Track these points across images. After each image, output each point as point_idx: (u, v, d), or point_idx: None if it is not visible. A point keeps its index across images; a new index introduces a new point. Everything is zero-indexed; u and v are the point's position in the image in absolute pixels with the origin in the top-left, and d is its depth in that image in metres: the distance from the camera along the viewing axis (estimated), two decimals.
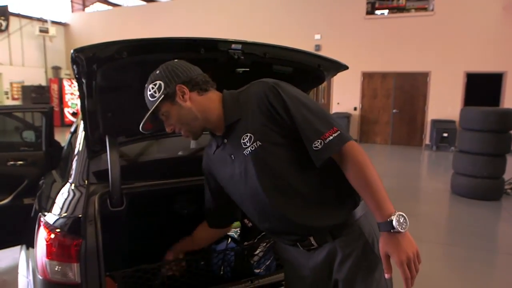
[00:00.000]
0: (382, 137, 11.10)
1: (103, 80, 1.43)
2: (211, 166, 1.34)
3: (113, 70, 1.42)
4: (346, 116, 10.68)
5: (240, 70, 1.62)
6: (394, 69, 10.68)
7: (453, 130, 9.60)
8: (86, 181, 1.54)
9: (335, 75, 1.91)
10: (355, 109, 11.26)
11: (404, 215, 1.04)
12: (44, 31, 14.60)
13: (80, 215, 1.32)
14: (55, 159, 2.60)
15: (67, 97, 14.76)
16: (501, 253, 3.69)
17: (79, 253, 1.25)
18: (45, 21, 14.89)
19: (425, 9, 10.88)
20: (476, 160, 5.21)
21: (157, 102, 1.18)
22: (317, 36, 11.48)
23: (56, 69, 15.46)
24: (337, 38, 11.15)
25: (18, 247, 2.52)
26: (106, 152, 1.61)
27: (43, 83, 14.91)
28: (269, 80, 1.18)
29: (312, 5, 11.56)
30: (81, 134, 1.85)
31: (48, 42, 15.05)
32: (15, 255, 3.14)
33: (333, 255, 1.18)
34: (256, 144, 1.13)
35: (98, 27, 15.21)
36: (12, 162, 2.71)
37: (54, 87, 14.66)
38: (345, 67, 1.84)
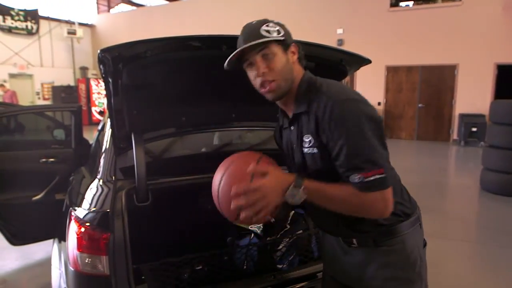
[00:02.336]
0: (407, 132, 10.83)
1: (129, 79, 1.47)
2: (282, 135, 1.31)
3: (137, 68, 1.46)
4: None
5: None
6: (420, 62, 10.38)
7: (482, 125, 9.24)
8: (113, 177, 1.59)
9: (358, 69, 1.89)
10: (379, 104, 11.03)
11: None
12: (72, 32, 15.11)
13: (108, 210, 1.37)
14: (84, 156, 2.71)
15: (94, 97, 15.23)
16: None
17: (107, 246, 1.29)
18: (73, 23, 15.41)
19: None
20: (507, 155, 5.00)
21: (274, 38, 1.08)
22: (340, 31, 11.31)
23: (84, 69, 15.98)
24: (360, 31, 10.94)
25: (51, 240, 2.65)
26: (132, 149, 1.67)
27: (72, 83, 15.46)
28: (342, 95, 1.07)
29: None
30: (108, 132, 1.91)
31: (75, 43, 15.57)
32: (48, 248, 3.30)
33: (371, 260, 1.16)
34: (313, 149, 1.11)
35: (123, 27, 15.58)
36: (44, 160, 2.83)
37: (82, 87, 15.16)
38: (368, 61, 1.81)
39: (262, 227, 1.99)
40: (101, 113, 15.06)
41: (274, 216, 1.65)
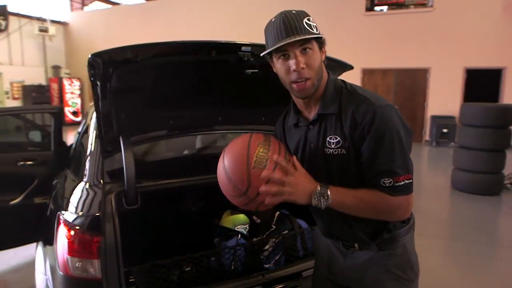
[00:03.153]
0: None
1: (118, 82, 1.48)
2: (286, 133, 1.32)
3: (127, 72, 1.47)
4: None
5: (249, 71, 1.67)
6: (394, 65, 10.72)
7: (453, 126, 9.65)
8: (101, 180, 1.59)
9: (340, 74, 1.96)
10: None
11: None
12: (44, 30, 14.60)
13: (98, 213, 1.37)
14: (64, 159, 2.65)
15: (68, 96, 14.79)
16: (502, 246, 3.75)
17: (99, 250, 1.30)
18: (45, 20, 14.89)
19: (424, 4, 10.90)
20: (477, 156, 5.26)
21: (317, 36, 1.08)
22: None
23: (56, 68, 15.48)
24: (336, 35, 11.14)
25: (30, 245, 2.58)
26: (120, 152, 1.67)
27: (43, 83, 14.94)
28: (381, 102, 1.10)
29: (311, 2, 11.56)
30: (92, 134, 1.90)
31: (47, 41, 15.06)
32: (25, 253, 3.21)
33: (373, 263, 1.19)
34: (342, 150, 1.12)
35: (98, 26, 15.22)
36: (22, 162, 2.75)
37: (54, 86, 14.69)
38: (350, 67, 1.89)
39: (248, 228, 2.03)
40: (74, 113, 14.65)
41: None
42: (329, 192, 1.05)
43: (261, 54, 1.15)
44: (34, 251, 2.10)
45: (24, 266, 3.14)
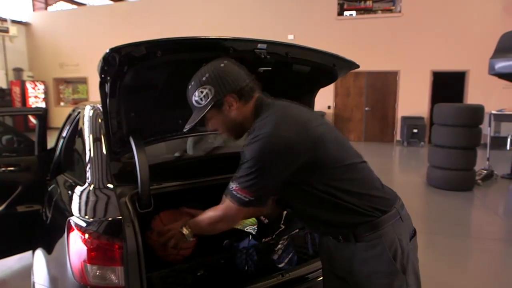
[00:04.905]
0: (356, 134, 11.45)
1: (131, 80, 1.41)
2: None
3: (142, 70, 1.41)
4: (321, 115, 10.90)
5: (262, 69, 1.65)
6: (366, 68, 11.04)
7: (422, 126, 10.08)
8: (112, 184, 1.51)
9: (346, 73, 1.98)
10: (329, 107, 11.53)
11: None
12: (4, 30, 13.78)
13: (117, 217, 1.30)
14: (47, 164, 2.51)
15: (31, 100, 14.06)
16: (479, 238, 3.96)
17: (122, 256, 1.23)
18: (5, 20, 14.07)
19: (390, 10, 11.34)
20: (451, 154, 5.52)
21: (204, 112, 1.21)
22: (291, 37, 11.65)
23: (18, 71, 14.65)
24: (310, 38, 11.35)
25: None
26: (127, 153, 1.60)
27: (4, 86, 14.10)
28: (266, 130, 1.15)
29: (286, 6, 11.73)
30: (89, 136, 1.81)
31: (8, 42, 14.22)
32: (8, 264, 3.00)
33: (354, 255, 1.22)
34: None
35: (63, 27, 14.58)
36: (3, 169, 2.57)
37: (16, 90, 13.92)
38: (356, 66, 1.91)
39: (256, 228, 2.00)
40: None
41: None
42: (184, 230, 1.29)
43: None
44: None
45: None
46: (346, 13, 11.78)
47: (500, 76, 4.25)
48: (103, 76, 1.38)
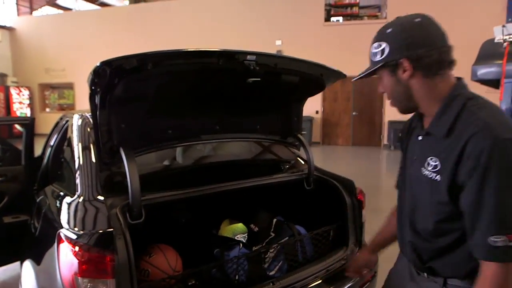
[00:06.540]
0: (343, 138, 11.57)
1: (121, 92, 1.42)
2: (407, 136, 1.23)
3: (132, 82, 1.42)
4: (309, 120, 11.00)
5: (251, 80, 1.68)
6: (353, 73, 11.05)
7: None
8: (102, 195, 1.51)
9: (334, 83, 2.03)
10: (316, 112, 11.63)
11: None
12: None
13: (108, 229, 1.30)
14: (35, 173, 2.48)
15: (16, 106, 13.83)
16: None
17: (114, 268, 1.23)
18: None
19: (376, 16, 11.55)
20: None
21: (371, 69, 1.08)
22: (278, 42, 11.75)
23: (2, 76, 14.40)
24: (298, 44, 11.47)
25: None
26: (117, 164, 1.60)
27: None
28: (505, 132, 0.88)
29: (273, 12, 11.83)
30: (78, 146, 1.80)
31: None
32: None
33: None
34: (436, 176, 0.99)
35: (48, 32, 14.40)
36: None
37: (0, 95, 13.67)
38: (343, 76, 1.96)
39: (247, 237, 2.02)
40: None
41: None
42: None
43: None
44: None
45: None
46: (333, 18, 11.95)
47: (482, 82, 4.36)
48: (93, 88, 1.39)
